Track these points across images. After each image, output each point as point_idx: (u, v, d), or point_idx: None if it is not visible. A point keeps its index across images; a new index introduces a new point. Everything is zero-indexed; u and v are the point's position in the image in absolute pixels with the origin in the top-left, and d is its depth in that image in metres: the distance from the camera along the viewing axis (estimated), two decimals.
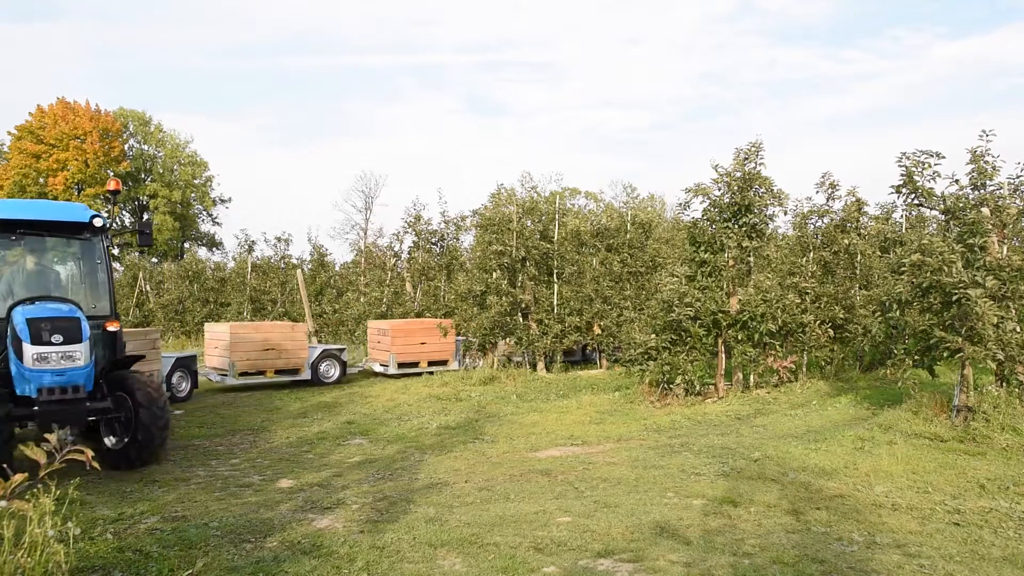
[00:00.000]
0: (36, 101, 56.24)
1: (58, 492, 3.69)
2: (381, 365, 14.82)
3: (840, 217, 13.90)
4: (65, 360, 7.08)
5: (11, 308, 7.27)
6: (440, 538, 5.13)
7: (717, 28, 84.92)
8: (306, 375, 13.92)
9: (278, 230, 40.68)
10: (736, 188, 11.84)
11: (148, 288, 26.22)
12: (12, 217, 7.63)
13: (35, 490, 3.56)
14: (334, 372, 14.20)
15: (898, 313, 9.80)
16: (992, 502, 5.89)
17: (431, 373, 14.66)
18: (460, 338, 15.52)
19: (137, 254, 38.11)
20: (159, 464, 7.78)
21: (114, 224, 7.99)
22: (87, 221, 7.90)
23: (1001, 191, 9.04)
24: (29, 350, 6.94)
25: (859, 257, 13.94)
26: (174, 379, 12.38)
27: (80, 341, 7.16)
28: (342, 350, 14.71)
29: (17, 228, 7.65)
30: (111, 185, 8.62)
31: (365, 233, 35.66)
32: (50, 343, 7.00)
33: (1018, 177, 9.55)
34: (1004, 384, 8.61)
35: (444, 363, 15.24)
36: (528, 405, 11.60)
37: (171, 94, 78.30)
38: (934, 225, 13.05)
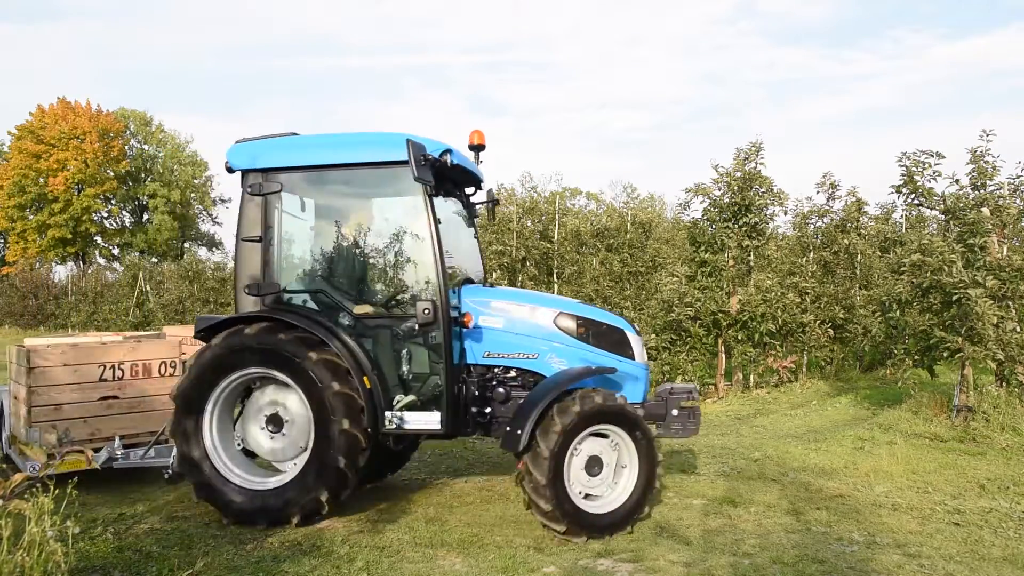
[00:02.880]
0: (37, 101, 56.22)
1: (56, 491, 3.69)
2: None
3: (840, 217, 13.89)
4: None
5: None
6: (440, 538, 5.13)
7: (717, 29, 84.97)
8: None
9: None
10: (736, 188, 11.84)
11: (148, 288, 26.21)
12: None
13: (34, 489, 3.56)
14: None
15: (898, 313, 9.81)
16: (992, 502, 5.89)
17: None
18: None
19: (137, 254, 38.11)
20: None
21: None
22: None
23: (1001, 191, 9.04)
24: None
25: (859, 257, 13.93)
26: None
27: None
28: None
29: None
30: (473, 139, 6.27)
31: None
32: None
33: (1018, 177, 9.55)
34: (1004, 384, 8.61)
35: None
36: None
37: (172, 94, 78.39)
38: (934, 225, 13.04)
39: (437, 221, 5.52)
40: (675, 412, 5.85)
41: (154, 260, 36.34)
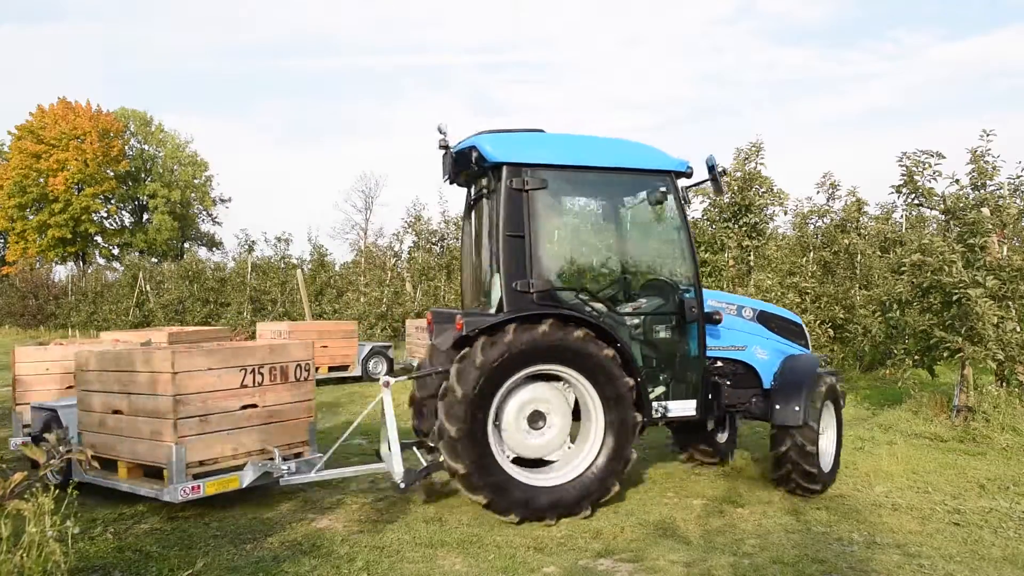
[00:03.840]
0: (37, 101, 56.24)
1: (56, 491, 3.69)
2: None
3: (840, 217, 13.90)
4: None
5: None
6: (440, 538, 5.13)
7: (717, 29, 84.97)
8: (356, 371, 14.32)
9: (278, 230, 40.63)
10: (736, 188, 11.85)
11: (148, 288, 26.21)
12: None
13: (33, 489, 3.56)
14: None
15: (898, 313, 9.81)
16: (992, 502, 5.89)
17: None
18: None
19: (137, 254, 38.12)
20: None
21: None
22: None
23: (1001, 191, 9.05)
24: None
25: (859, 257, 13.94)
26: None
27: None
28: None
29: None
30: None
31: (365, 233, 35.65)
32: None
33: (1018, 177, 9.57)
34: (1004, 384, 8.61)
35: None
36: None
37: (172, 94, 78.40)
38: (934, 225, 13.06)
39: (690, 227, 6.19)
40: None
41: (154, 260, 36.38)
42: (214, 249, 50.10)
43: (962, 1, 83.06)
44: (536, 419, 5.62)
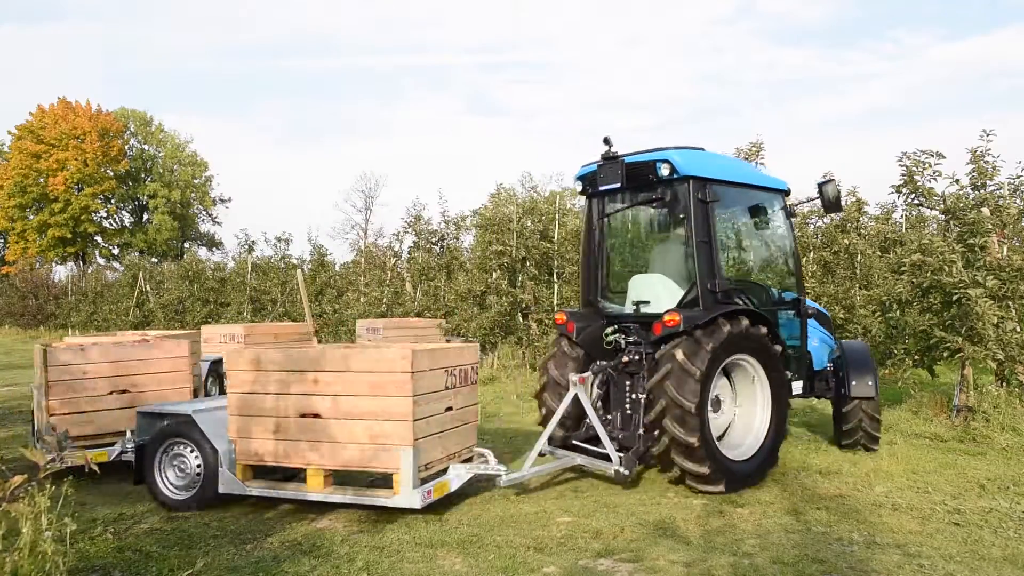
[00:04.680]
0: (37, 101, 56.29)
1: (52, 490, 3.68)
2: None
3: (840, 217, 13.90)
4: None
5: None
6: (440, 538, 5.13)
7: (717, 29, 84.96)
8: None
9: (278, 230, 40.65)
10: None
11: (148, 288, 26.21)
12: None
13: (29, 488, 3.55)
14: None
15: (898, 313, 9.82)
16: (992, 502, 5.89)
17: None
18: None
19: (137, 254, 38.13)
20: None
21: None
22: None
23: (1001, 191, 9.05)
24: None
25: (859, 257, 13.94)
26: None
27: None
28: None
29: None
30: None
31: (365, 233, 35.68)
32: None
33: (1018, 177, 9.56)
34: (1004, 384, 8.61)
35: None
36: (528, 405, 11.58)
37: (172, 94, 78.43)
38: (934, 225, 13.05)
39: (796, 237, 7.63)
40: None
41: (154, 260, 36.34)
42: (214, 249, 50.12)
43: (962, 1, 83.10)
44: (716, 404, 6.50)
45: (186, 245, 51.61)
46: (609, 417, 6.80)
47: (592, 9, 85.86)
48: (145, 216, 51.48)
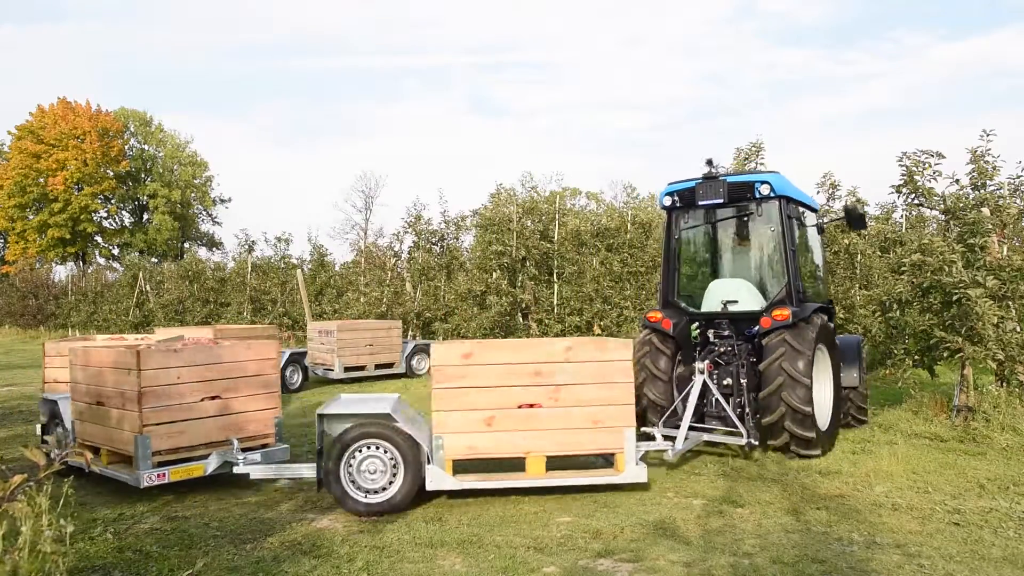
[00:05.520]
0: (37, 101, 56.27)
1: (51, 489, 3.68)
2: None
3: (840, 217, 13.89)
4: None
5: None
6: (440, 538, 5.13)
7: (717, 29, 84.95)
8: (401, 368, 14.75)
9: (278, 230, 40.66)
10: None
11: (148, 288, 26.20)
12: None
13: (28, 488, 3.55)
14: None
15: (898, 313, 9.80)
16: (992, 502, 5.89)
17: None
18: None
19: (137, 254, 38.12)
20: None
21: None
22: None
23: (1001, 191, 9.04)
24: None
25: (859, 257, 13.93)
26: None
27: None
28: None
29: None
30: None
31: (365, 233, 35.64)
32: None
33: (1018, 177, 9.55)
34: (1004, 384, 8.60)
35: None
36: None
37: (172, 94, 78.44)
38: (934, 225, 13.05)
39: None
40: None
41: (154, 260, 36.35)
42: (214, 249, 50.13)
43: (962, 1, 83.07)
44: None
45: (186, 245, 51.63)
46: (705, 400, 7.70)
47: (592, 9, 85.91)
48: (145, 216, 51.48)
